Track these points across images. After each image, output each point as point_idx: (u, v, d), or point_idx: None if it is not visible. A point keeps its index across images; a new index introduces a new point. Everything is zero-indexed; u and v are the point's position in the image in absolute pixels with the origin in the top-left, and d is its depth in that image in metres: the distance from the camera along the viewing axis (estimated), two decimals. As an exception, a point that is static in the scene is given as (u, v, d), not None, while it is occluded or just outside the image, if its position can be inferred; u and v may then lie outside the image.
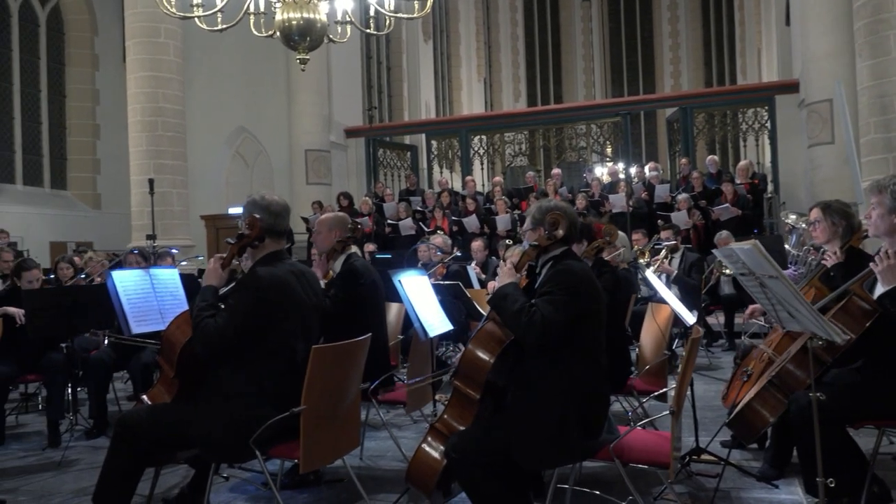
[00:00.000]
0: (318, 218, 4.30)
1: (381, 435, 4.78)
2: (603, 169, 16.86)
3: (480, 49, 26.64)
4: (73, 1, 16.29)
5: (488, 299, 2.99)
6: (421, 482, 2.92)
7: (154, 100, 12.07)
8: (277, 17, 6.07)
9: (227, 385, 3.00)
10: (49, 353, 5.16)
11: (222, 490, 3.90)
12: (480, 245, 8.23)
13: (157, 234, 10.49)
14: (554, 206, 2.98)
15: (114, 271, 4.20)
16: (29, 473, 4.40)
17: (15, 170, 15.28)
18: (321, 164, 15.27)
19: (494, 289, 2.99)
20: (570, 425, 2.72)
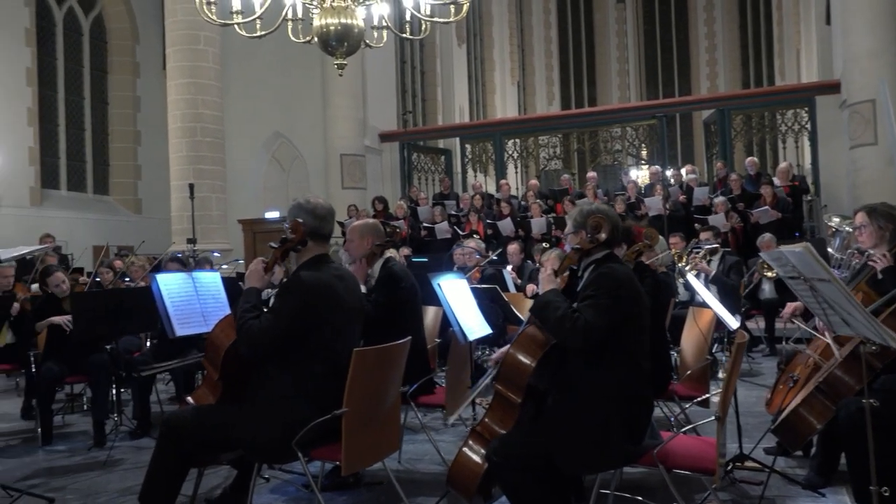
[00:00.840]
0: (351, 226, 4.32)
1: (419, 438, 4.79)
2: (638, 172, 16.71)
3: (514, 52, 26.58)
4: (116, 10, 16.67)
5: (531, 308, 2.97)
6: (462, 486, 2.92)
7: (193, 106, 12.28)
8: (315, 23, 6.13)
9: (270, 387, 3.03)
10: (94, 354, 5.26)
11: (263, 491, 3.94)
12: (517, 249, 8.20)
13: (196, 238, 10.66)
14: (596, 209, 2.96)
15: (158, 274, 4.28)
16: (76, 472, 4.50)
17: (60, 176, 15.68)
18: (356, 169, 15.37)
19: (536, 295, 2.98)
20: (613, 430, 2.70)
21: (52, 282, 5.50)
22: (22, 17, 14.45)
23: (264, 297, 3.25)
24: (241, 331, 2.99)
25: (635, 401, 2.77)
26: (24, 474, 4.45)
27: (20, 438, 5.47)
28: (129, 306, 5.02)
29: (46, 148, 15.11)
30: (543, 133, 16.52)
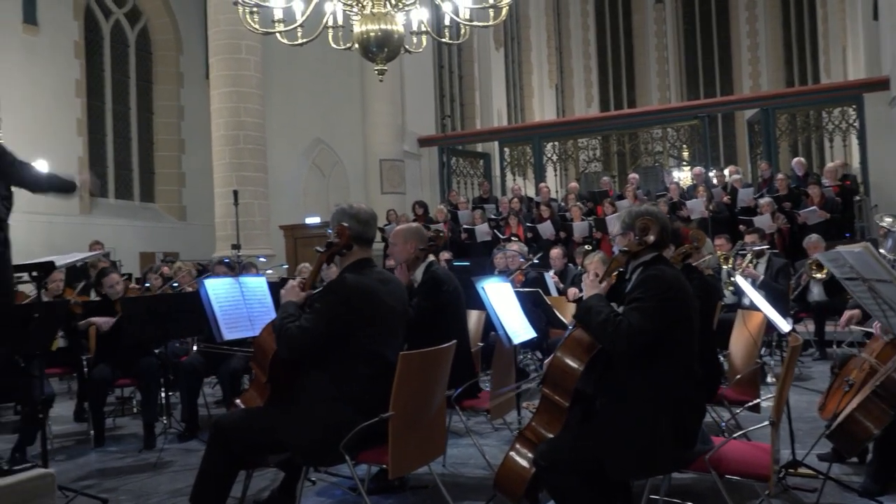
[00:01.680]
0: (393, 230, 4.34)
1: (463, 442, 4.78)
2: (680, 173, 16.49)
3: (552, 55, 26.48)
4: (160, 22, 17.05)
5: (574, 314, 2.95)
6: (509, 490, 2.91)
7: (236, 114, 12.48)
8: (356, 30, 6.18)
9: (316, 390, 3.06)
10: (143, 358, 5.37)
11: (310, 494, 3.96)
12: (559, 253, 8.14)
13: (240, 243, 10.82)
14: (644, 211, 2.93)
15: (206, 279, 4.35)
16: (127, 474, 4.59)
17: (108, 184, 16.07)
18: (395, 174, 15.45)
19: (579, 300, 2.96)
20: (664, 434, 2.66)
21: (107, 282, 5.69)
22: (71, 31, 14.87)
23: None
24: (281, 335, 3.03)
25: (685, 405, 2.72)
26: (79, 475, 4.56)
27: (74, 440, 5.60)
28: (177, 311, 5.11)
29: (95, 157, 15.51)
30: (583, 135, 16.42)
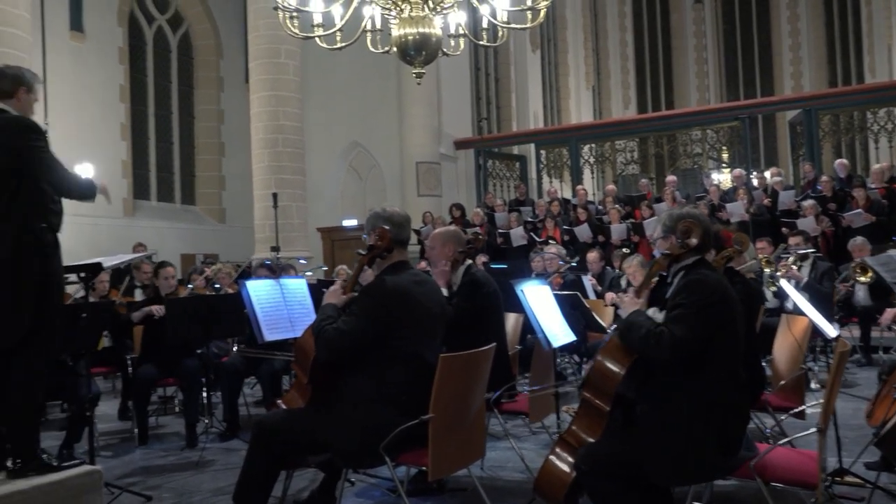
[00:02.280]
0: (432, 233, 4.35)
1: (501, 445, 4.77)
2: (720, 175, 16.25)
3: (589, 57, 26.30)
4: (201, 27, 17.37)
5: (616, 332, 2.93)
6: (549, 494, 2.89)
7: (275, 118, 12.64)
8: (394, 34, 6.22)
9: (356, 392, 3.08)
10: (186, 358, 5.47)
11: (349, 495, 3.99)
12: (596, 256, 8.09)
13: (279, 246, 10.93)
14: (686, 214, 2.89)
15: (248, 281, 4.41)
16: (170, 472, 4.67)
17: (150, 187, 16.42)
18: (432, 176, 15.49)
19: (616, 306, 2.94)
20: (707, 440, 2.62)
21: (163, 274, 5.91)
22: (116, 37, 15.22)
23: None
24: (319, 336, 3.06)
25: (730, 410, 2.68)
26: (124, 472, 4.65)
27: (118, 438, 5.72)
28: (219, 312, 5.20)
29: (138, 161, 15.85)
30: (620, 137, 16.29)
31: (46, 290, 3.18)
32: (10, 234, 3.12)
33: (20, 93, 3.26)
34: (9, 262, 3.11)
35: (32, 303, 3.12)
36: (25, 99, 3.27)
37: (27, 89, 3.28)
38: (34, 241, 3.16)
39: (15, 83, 3.25)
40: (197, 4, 17.16)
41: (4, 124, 3.17)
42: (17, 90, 3.25)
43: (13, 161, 3.12)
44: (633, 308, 2.86)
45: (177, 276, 6.04)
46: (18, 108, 3.26)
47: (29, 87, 3.29)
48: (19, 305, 3.11)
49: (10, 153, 3.11)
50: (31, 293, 3.11)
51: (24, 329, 3.11)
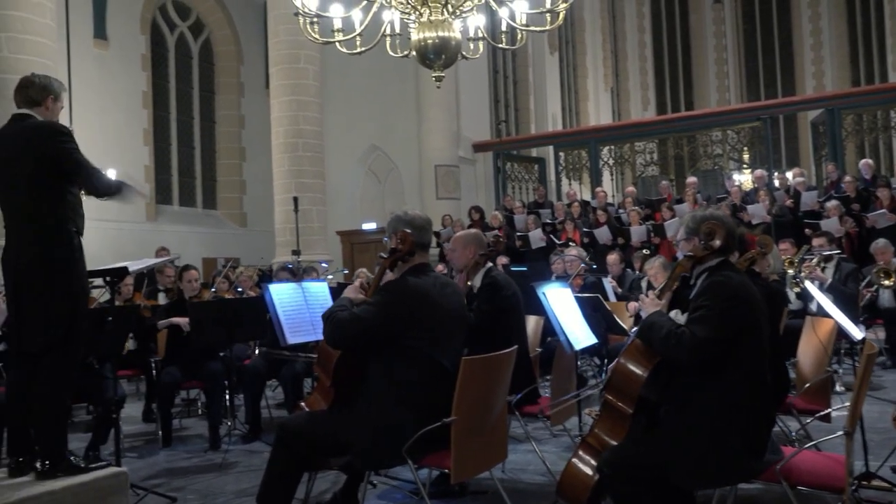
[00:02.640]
0: (454, 236, 4.36)
1: (521, 448, 4.76)
2: (741, 176, 16.11)
3: (607, 58, 26.21)
4: (222, 34, 17.54)
5: (636, 332, 2.92)
6: (572, 497, 2.89)
7: (295, 122, 12.73)
8: (413, 38, 6.24)
9: (379, 394, 3.10)
10: (209, 361, 5.52)
11: (371, 497, 4.01)
12: (616, 259, 8.05)
13: (300, 249, 11.02)
14: (710, 216, 2.88)
15: (270, 285, 4.45)
16: (194, 473, 4.71)
17: (172, 192, 16.59)
18: (450, 179, 15.51)
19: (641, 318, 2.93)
20: (733, 443, 2.61)
21: (186, 277, 6.01)
22: (139, 44, 15.41)
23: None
24: (329, 320, 3.07)
25: (755, 413, 2.67)
26: (148, 474, 4.71)
27: (143, 440, 5.79)
28: (242, 315, 5.24)
29: (160, 166, 16.03)
30: (639, 139, 16.23)
31: (75, 295, 3.24)
32: (44, 236, 3.18)
33: (48, 101, 3.34)
34: (44, 266, 3.16)
35: (67, 308, 3.17)
36: (53, 107, 3.36)
37: (54, 98, 3.37)
38: (67, 244, 3.22)
39: (43, 92, 3.33)
40: (218, 11, 17.33)
41: (34, 129, 3.24)
42: (45, 98, 3.33)
43: (46, 165, 3.18)
44: (653, 308, 2.85)
45: (199, 280, 6.10)
46: (45, 116, 3.33)
47: (56, 96, 3.38)
48: (55, 310, 3.16)
49: (43, 157, 3.17)
50: (65, 297, 3.17)
51: (59, 334, 3.17)
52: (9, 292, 3.21)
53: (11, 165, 3.21)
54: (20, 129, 3.27)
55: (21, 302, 3.17)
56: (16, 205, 3.22)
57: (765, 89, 28.04)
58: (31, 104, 3.31)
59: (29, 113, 3.30)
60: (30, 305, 3.18)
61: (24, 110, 3.31)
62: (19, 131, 3.26)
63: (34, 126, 3.26)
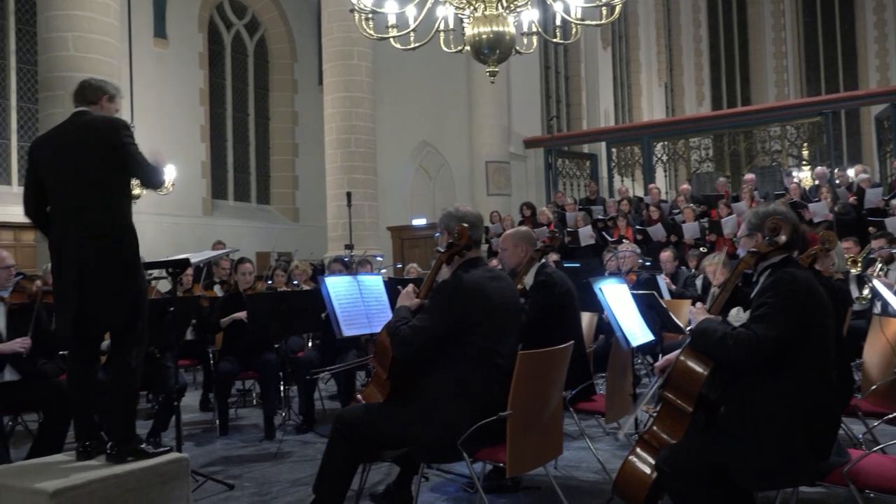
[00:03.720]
0: (503, 234, 4.35)
1: (575, 445, 4.73)
2: (800, 173, 15.69)
3: (661, 53, 25.78)
4: (276, 31, 17.82)
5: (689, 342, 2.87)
6: (629, 495, 2.86)
7: (348, 118, 12.85)
8: (467, 33, 6.23)
9: (435, 387, 3.11)
10: (265, 353, 5.62)
11: (424, 490, 4.02)
12: (670, 256, 7.92)
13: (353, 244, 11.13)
14: (773, 211, 2.81)
15: (327, 278, 4.50)
16: (250, 462, 4.81)
17: (228, 187, 16.94)
18: (501, 176, 15.47)
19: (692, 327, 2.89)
20: (797, 444, 2.54)
21: (241, 270, 6.12)
22: (196, 43, 15.77)
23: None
24: (394, 336, 3.11)
25: (820, 413, 2.59)
26: (206, 461, 4.82)
27: (200, 428, 5.93)
28: (297, 308, 5.32)
29: (216, 162, 16.39)
30: (694, 135, 15.94)
31: (140, 283, 3.34)
32: (111, 227, 3.29)
33: (103, 101, 3.50)
34: (111, 256, 3.26)
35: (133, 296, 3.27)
36: (107, 107, 3.51)
37: (109, 98, 3.54)
38: (131, 233, 3.34)
39: (98, 92, 3.51)
40: (273, 9, 17.61)
41: (95, 123, 3.36)
42: (100, 98, 3.50)
43: (109, 157, 3.28)
44: (703, 316, 2.81)
45: (253, 273, 6.21)
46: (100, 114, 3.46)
47: (111, 97, 3.54)
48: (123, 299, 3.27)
49: (106, 150, 3.28)
50: (132, 286, 3.27)
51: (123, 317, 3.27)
52: (70, 282, 3.30)
53: (74, 158, 3.31)
54: (81, 123, 3.39)
55: (86, 291, 3.27)
56: (77, 196, 3.31)
57: (825, 83, 27.23)
58: (86, 103, 3.46)
59: (86, 110, 3.43)
60: (97, 295, 3.27)
61: (82, 108, 3.44)
62: (81, 125, 3.37)
63: (95, 120, 3.38)
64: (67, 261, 3.29)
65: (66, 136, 3.38)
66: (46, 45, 9.43)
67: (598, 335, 5.96)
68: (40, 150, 3.45)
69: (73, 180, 3.31)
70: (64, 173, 3.34)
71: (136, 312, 3.33)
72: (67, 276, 3.29)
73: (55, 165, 3.36)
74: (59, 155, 3.35)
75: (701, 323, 2.78)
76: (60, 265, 3.33)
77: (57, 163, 3.36)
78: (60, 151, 3.35)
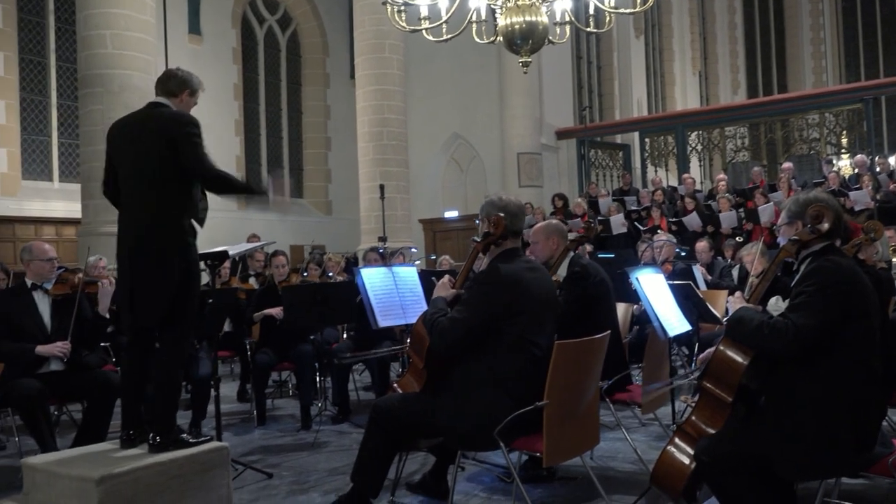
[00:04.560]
0: (534, 227, 4.33)
1: (610, 436, 4.70)
2: (839, 161, 15.37)
3: (695, 41, 25.39)
4: (308, 26, 17.93)
5: (725, 332, 2.83)
6: (668, 485, 2.84)
7: (379, 112, 12.89)
8: (500, 23, 6.22)
9: (470, 377, 3.13)
10: (300, 344, 5.68)
11: (460, 479, 4.03)
12: (706, 246, 7.82)
13: (386, 236, 11.19)
14: (815, 198, 2.76)
15: (362, 269, 4.54)
16: (287, 452, 4.87)
17: (262, 181, 17.08)
18: (533, 167, 15.40)
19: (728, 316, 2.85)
20: (840, 434, 2.50)
21: (275, 262, 6.19)
22: (230, 39, 15.95)
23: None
24: (433, 329, 3.11)
25: (864, 403, 2.55)
26: (245, 451, 4.89)
27: (238, 419, 6.01)
28: (332, 299, 5.37)
29: (250, 156, 16.58)
30: (729, 123, 15.71)
31: (191, 279, 3.38)
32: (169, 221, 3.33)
33: (184, 94, 3.49)
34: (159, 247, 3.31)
35: (175, 288, 3.31)
36: (187, 101, 3.51)
37: (191, 92, 3.52)
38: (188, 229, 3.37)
39: (182, 85, 3.48)
40: (304, 4, 17.72)
41: (168, 118, 3.37)
42: (182, 91, 3.48)
43: (166, 150, 3.31)
44: (740, 305, 2.78)
45: (287, 266, 6.27)
46: (178, 107, 3.48)
47: (193, 91, 3.53)
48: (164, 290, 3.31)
49: (173, 145, 3.30)
50: (175, 279, 3.30)
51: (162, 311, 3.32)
52: (124, 271, 3.37)
53: (142, 149, 3.33)
54: (154, 114, 3.40)
55: (135, 281, 3.33)
56: (140, 186, 3.34)
57: (865, 69, 26.60)
58: (168, 95, 3.46)
59: (164, 102, 3.45)
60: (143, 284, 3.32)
61: (161, 99, 3.46)
62: (153, 116, 3.39)
63: (164, 113, 3.39)
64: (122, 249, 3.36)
65: (135, 126, 3.40)
66: (85, 43, 9.60)
67: (634, 326, 5.93)
68: (113, 136, 3.48)
69: (138, 169, 3.34)
70: (127, 162, 3.38)
71: (185, 305, 3.37)
72: (122, 263, 3.36)
73: (122, 153, 3.40)
74: (127, 144, 3.38)
75: (737, 311, 2.75)
76: (119, 251, 3.40)
77: (124, 151, 3.39)
78: (128, 140, 3.38)
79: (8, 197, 12.84)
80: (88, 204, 9.59)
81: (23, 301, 4.46)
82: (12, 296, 4.58)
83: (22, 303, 4.45)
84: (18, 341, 4.33)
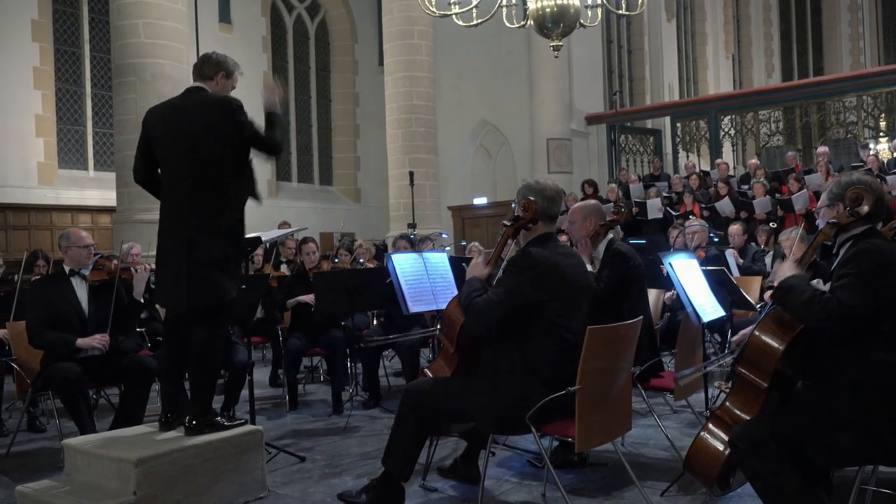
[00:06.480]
0: (572, 207, 4.30)
1: (641, 423, 4.68)
2: (877, 145, 15.02)
3: (728, 24, 24.93)
4: (337, 13, 17.96)
5: (773, 295, 2.77)
6: (701, 471, 2.81)
7: (408, 98, 12.88)
8: (531, 7, 6.18)
9: (503, 361, 3.12)
10: (332, 330, 5.72)
11: (491, 464, 4.03)
12: (739, 229, 7.70)
13: (415, 223, 11.22)
14: (856, 181, 2.70)
15: (393, 255, 4.55)
16: (319, 436, 4.92)
17: (291, 169, 17.24)
18: (562, 153, 15.30)
19: (777, 281, 2.78)
20: (877, 422, 2.45)
21: (305, 249, 6.27)
22: (259, 27, 16.04)
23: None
24: (469, 309, 3.10)
25: (905, 390, 2.50)
26: (278, 434, 4.95)
27: (270, 403, 6.09)
28: (363, 285, 5.39)
29: (280, 144, 16.66)
30: (763, 107, 15.43)
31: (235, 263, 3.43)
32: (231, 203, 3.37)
33: (219, 76, 3.52)
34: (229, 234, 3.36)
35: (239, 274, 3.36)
36: (223, 84, 3.54)
37: (226, 75, 3.55)
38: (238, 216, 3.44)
39: (216, 67, 3.53)
40: (333, -9, 17.76)
41: (209, 104, 3.41)
42: (216, 74, 3.52)
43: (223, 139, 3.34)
44: (791, 272, 2.68)
45: (317, 252, 6.32)
46: (214, 90, 3.51)
47: (228, 74, 3.56)
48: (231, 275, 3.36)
49: (223, 132, 3.34)
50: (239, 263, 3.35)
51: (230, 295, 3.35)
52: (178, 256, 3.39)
53: (188, 137, 3.36)
54: (195, 102, 3.42)
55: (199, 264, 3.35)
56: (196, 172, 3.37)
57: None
58: (203, 79, 3.50)
59: (201, 86, 3.48)
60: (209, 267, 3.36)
61: (199, 84, 3.49)
62: (195, 105, 3.41)
63: (209, 100, 3.41)
64: (172, 236, 3.39)
65: (180, 115, 3.41)
66: (119, 33, 9.72)
67: (665, 312, 5.87)
68: (153, 123, 3.51)
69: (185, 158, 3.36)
70: (175, 148, 3.39)
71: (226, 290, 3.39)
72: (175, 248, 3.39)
73: (170, 143, 3.42)
74: (175, 134, 3.39)
75: (789, 279, 2.64)
76: (165, 237, 3.44)
77: (171, 141, 3.41)
78: (176, 130, 3.39)
79: (45, 186, 13.10)
80: (123, 192, 9.75)
81: (62, 287, 4.56)
82: (52, 282, 4.68)
83: (61, 289, 4.55)
84: (58, 326, 4.42)
